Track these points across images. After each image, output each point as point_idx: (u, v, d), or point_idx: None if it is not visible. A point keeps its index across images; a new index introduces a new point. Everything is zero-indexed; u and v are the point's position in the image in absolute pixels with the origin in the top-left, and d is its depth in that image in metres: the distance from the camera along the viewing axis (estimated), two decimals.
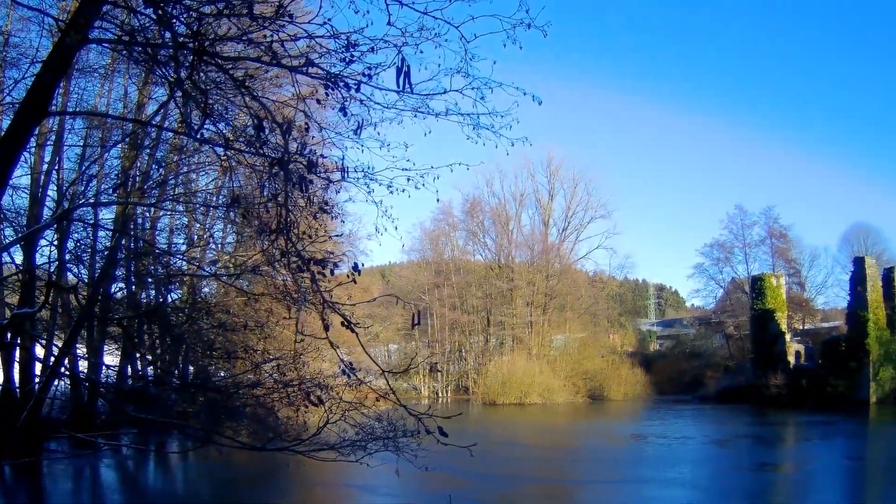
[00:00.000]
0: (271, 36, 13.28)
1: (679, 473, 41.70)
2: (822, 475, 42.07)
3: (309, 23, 13.51)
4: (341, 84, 13.43)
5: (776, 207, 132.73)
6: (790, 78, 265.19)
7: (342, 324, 14.75)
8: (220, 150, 17.07)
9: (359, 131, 14.73)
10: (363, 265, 15.22)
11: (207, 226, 43.61)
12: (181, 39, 12.85)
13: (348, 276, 14.61)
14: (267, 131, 13.85)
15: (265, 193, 14.72)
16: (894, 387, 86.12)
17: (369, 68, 13.40)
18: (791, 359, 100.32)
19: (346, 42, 13.38)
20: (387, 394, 17.36)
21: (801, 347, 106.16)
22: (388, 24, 13.24)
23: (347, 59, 13.45)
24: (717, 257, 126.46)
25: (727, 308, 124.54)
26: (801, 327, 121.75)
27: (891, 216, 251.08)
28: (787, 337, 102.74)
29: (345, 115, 14.23)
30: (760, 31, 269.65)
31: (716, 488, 38.17)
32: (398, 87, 13.13)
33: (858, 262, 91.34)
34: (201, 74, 13.80)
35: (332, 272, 14.64)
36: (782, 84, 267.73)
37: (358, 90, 13.46)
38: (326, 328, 14.69)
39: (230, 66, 13.86)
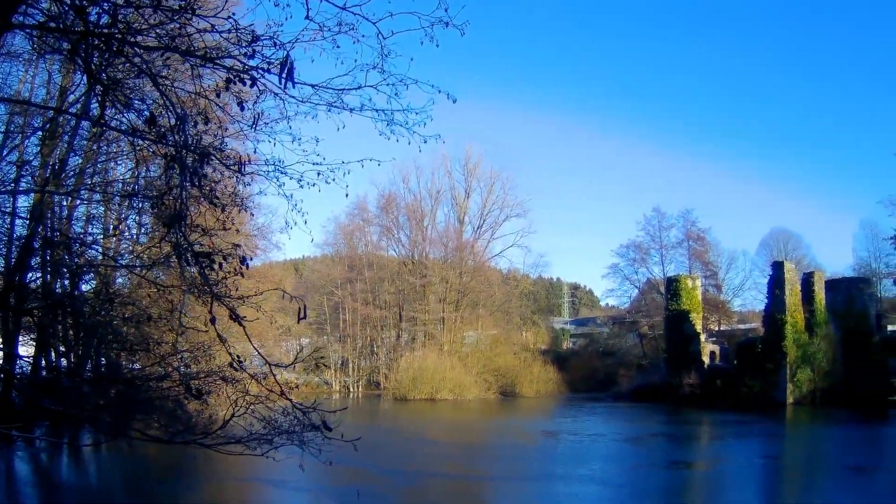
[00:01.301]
0: (180, 28, 13.25)
1: (590, 470, 41.73)
2: (737, 473, 42.23)
3: (215, 16, 13.45)
4: (243, 78, 13.41)
5: (694, 211, 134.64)
6: (710, 84, 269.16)
7: (230, 317, 14.83)
8: (134, 140, 16.98)
9: (255, 125, 15.49)
10: (250, 260, 15.34)
11: (122, 216, 43.24)
12: (94, 28, 12.75)
13: (235, 269, 14.71)
14: (181, 122, 13.77)
15: (168, 184, 14.69)
16: (812, 389, 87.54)
17: (268, 63, 13.37)
18: (706, 359, 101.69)
19: (251, 36, 13.46)
20: (291, 388, 17.40)
21: (716, 348, 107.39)
22: (307, 18, 13.40)
23: (249, 54, 13.50)
24: (632, 258, 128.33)
25: (641, 308, 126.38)
26: (716, 328, 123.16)
27: (811, 222, 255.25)
28: (703, 337, 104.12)
29: (242, 109, 14.79)
30: (678, 36, 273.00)
31: (627, 485, 38.25)
32: (280, 82, 13.17)
33: (777, 266, 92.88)
34: (117, 64, 13.76)
35: (220, 266, 14.59)
36: (703, 90, 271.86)
37: (253, 85, 13.49)
38: (213, 321, 14.71)
39: (140, 55, 13.71)
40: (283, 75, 12.87)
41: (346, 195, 16.79)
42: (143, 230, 42.89)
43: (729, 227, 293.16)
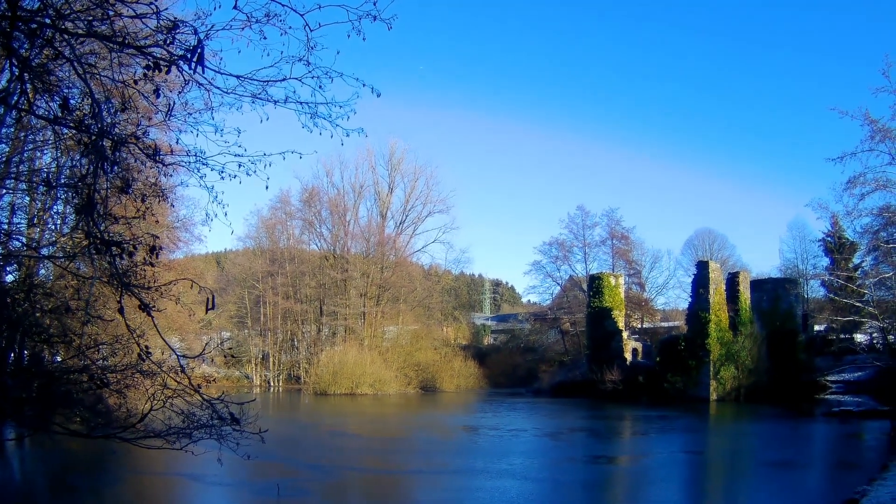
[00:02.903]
0: (102, 13, 13.11)
1: (509, 465, 41.20)
2: (659, 468, 42.18)
3: (136, 2, 13.48)
4: (160, 66, 13.18)
5: (619, 210, 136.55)
6: (638, 85, 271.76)
7: (139, 307, 14.53)
8: (56, 128, 16.79)
9: (168, 114, 15.64)
10: (159, 250, 15.26)
11: (46, 205, 42.78)
12: (21, 14, 12.49)
13: (145, 258, 14.61)
14: (97, 108, 13.50)
15: (82, 172, 14.52)
16: (736, 386, 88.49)
17: (188, 51, 13.08)
18: (628, 356, 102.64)
19: (171, 23, 13.21)
20: (209, 382, 17.14)
21: (638, 345, 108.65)
22: (235, 7, 13.40)
23: (169, 41, 13.19)
24: (555, 255, 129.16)
25: (564, 305, 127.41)
26: (639, 326, 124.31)
27: (739, 225, 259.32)
28: (625, 335, 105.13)
29: (158, 96, 14.45)
30: (605, 34, 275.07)
31: (548, 479, 38.03)
32: (190, 67, 12.85)
33: (702, 266, 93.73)
34: (43, 49, 13.62)
35: (130, 255, 14.32)
36: (631, 90, 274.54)
37: (168, 72, 13.33)
38: (121, 311, 14.50)
39: (69, 40, 13.45)
40: (194, 59, 12.60)
41: (267, 187, 16.85)
42: (66, 220, 42.54)
43: (654, 227, 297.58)
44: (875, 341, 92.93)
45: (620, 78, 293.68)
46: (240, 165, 16.14)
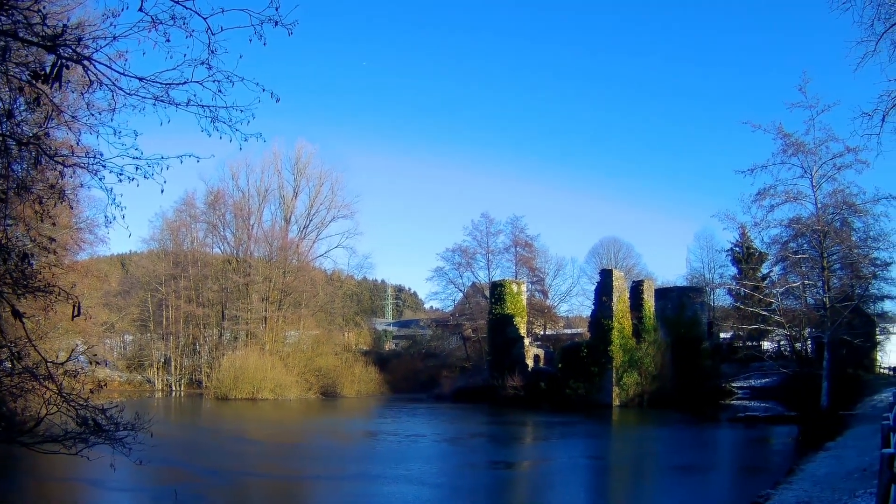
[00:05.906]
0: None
1: (407, 470, 41.57)
2: (558, 473, 42.53)
3: (27, 9, 13.51)
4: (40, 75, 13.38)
5: (524, 218, 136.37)
6: (549, 96, 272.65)
7: (13, 314, 14.58)
8: None
9: (47, 120, 15.03)
10: (46, 253, 15.26)
11: None
12: None
13: (17, 264, 14.55)
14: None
15: None
16: (639, 392, 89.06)
17: (53, 66, 13.09)
18: (530, 362, 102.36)
19: (61, 29, 13.40)
20: (101, 386, 17.10)
21: (540, 352, 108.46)
22: (140, 10, 13.37)
23: (52, 47, 13.22)
24: (458, 262, 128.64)
25: (466, 311, 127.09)
26: (542, 332, 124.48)
27: (644, 233, 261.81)
28: (527, 341, 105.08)
29: (38, 104, 14.56)
30: (516, 39, 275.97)
31: (446, 485, 38.45)
32: (49, 84, 12.92)
33: (605, 274, 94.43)
34: None
35: (3, 260, 14.29)
36: (537, 99, 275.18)
37: (45, 82, 13.30)
38: None
39: None
40: (52, 76, 12.67)
41: (162, 191, 16.73)
42: None
43: (559, 236, 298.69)
44: (783, 348, 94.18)
45: (529, 85, 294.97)
46: (137, 168, 16.06)
